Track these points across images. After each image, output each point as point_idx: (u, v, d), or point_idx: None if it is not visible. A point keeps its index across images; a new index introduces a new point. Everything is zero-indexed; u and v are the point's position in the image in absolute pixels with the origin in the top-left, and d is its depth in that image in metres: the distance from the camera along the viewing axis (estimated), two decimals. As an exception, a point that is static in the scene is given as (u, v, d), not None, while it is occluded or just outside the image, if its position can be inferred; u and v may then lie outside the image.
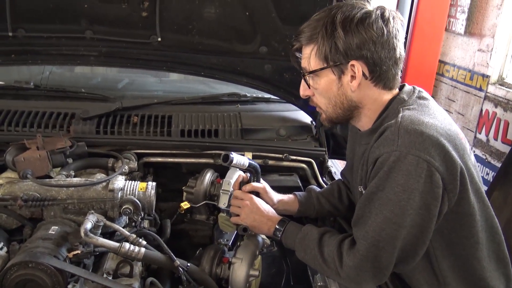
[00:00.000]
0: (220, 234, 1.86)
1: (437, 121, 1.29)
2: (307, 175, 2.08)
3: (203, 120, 2.10)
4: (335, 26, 1.29)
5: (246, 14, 2.01)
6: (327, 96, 1.39)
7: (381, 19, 1.29)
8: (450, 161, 1.23)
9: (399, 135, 1.23)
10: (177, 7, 2.00)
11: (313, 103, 1.47)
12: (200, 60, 2.15)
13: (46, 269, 1.28)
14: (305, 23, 1.38)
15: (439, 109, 1.38)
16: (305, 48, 1.38)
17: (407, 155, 1.20)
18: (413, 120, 1.26)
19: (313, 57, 1.35)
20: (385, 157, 1.24)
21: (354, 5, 1.32)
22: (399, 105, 1.35)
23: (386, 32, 1.29)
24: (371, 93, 1.37)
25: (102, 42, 2.07)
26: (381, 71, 1.33)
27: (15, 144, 1.77)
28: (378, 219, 1.25)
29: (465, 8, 3.92)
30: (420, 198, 1.21)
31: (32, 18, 2.00)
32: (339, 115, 1.42)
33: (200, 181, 1.85)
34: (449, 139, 1.25)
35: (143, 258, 1.41)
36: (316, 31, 1.32)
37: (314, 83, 1.39)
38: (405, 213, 1.22)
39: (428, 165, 1.19)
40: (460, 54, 4.03)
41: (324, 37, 1.31)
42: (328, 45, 1.30)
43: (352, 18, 1.29)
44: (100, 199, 1.59)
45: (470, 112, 3.83)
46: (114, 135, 2.00)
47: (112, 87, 2.56)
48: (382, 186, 1.24)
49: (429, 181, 1.20)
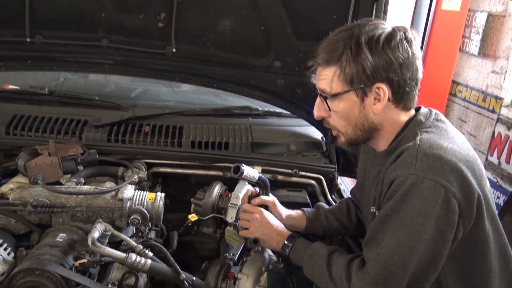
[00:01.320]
0: (226, 248, 1.85)
1: (456, 145, 1.27)
2: (316, 191, 2.06)
3: (214, 132, 2.10)
4: (361, 47, 1.25)
5: (261, 29, 2.02)
6: (348, 118, 1.36)
7: (405, 40, 1.27)
8: (468, 187, 1.21)
9: (417, 158, 1.21)
10: (193, 19, 2.02)
11: (328, 125, 1.43)
12: (213, 72, 2.16)
13: (52, 277, 1.27)
14: (323, 43, 1.34)
15: (457, 133, 1.37)
16: (324, 69, 1.34)
17: (425, 179, 1.18)
18: (431, 144, 1.24)
19: (336, 79, 1.31)
20: (401, 180, 1.22)
21: (376, 25, 1.29)
22: (417, 127, 1.33)
23: (410, 53, 1.28)
24: (391, 115, 1.35)
25: (118, 51, 2.09)
26: (404, 93, 1.31)
27: (27, 149, 1.78)
28: (391, 242, 1.23)
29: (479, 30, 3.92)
30: (435, 224, 1.19)
31: (50, 25, 2.03)
32: (359, 137, 1.39)
33: (208, 193, 1.84)
34: (467, 165, 1.24)
35: (149, 270, 1.41)
36: (339, 53, 1.28)
37: (334, 106, 1.35)
38: (419, 238, 1.20)
39: (446, 191, 1.18)
40: (473, 75, 4.01)
41: (349, 59, 1.27)
42: (354, 68, 1.27)
43: (377, 39, 1.26)
44: (109, 208, 1.59)
45: (482, 134, 3.80)
46: (125, 143, 2.01)
47: (125, 95, 2.57)
48: (397, 209, 1.23)
49: (445, 207, 1.18)
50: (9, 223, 1.56)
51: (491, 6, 3.84)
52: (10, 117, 2.00)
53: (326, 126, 1.46)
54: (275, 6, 1.94)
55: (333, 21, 1.91)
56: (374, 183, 1.40)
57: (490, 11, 3.83)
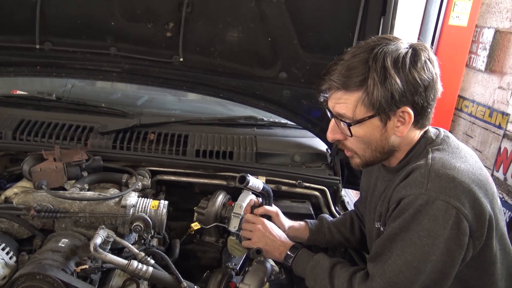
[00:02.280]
0: (228, 257, 1.84)
1: (469, 165, 1.25)
2: (320, 203, 2.06)
3: (218, 142, 2.11)
4: (389, 72, 1.19)
5: (268, 40, 2.04)
6: (367, 142, 1.31)
7: (429, 60, 1.24)
8: (480, 209, 1.20)
9: (430, 178, 1.19)
10: (201, 30, 2.04)
11: (344, 146, 1.38)
12: (219, 82, 2.18)
13: (53, 282, 1.27)
14: (340, 64, 1.25)
15: (469, 151, 1.35)
16: (346, 94, 1.25)
17: (436, 200, 1.17)
18: (444, 163, 1.22)
19: (359, 105, 1.24)
20: (411, 199, 1.20)
21: (397, 44, 1.23)
22: (428, 144, 1.32)
23: (434, 74, 1.24)
24: (409, 136, 1.32)
25: (125, 59, 2.12)
26: (425, 114, 1.28)
27: (33, 154, 1.79)
28: (398, 261, 1.22)
29: (486, 45, 3.92)
30: (445, 245, 1.18)
31: (60, 32, 2.06)
32: (376, 159, 1.35)
33: (212, 202, 1.84)
34: (480, 185, 1.22)
35: (150, 278, 1.40)
36: (363, 77, 1.21)
37: (355, 132, 1.29)
38: (427, 259, 1.19)
39: (457, 212, 1.16)
40: (480, 91, 4.00)
41: (376, 84, 1.20)
42: (382, 93, 1.20)
43: (403, 61, 1.20)
44: (112, 215, 1.59)
45: (488, 149, 3.78)
46: (130, 151, 2.02)
47: (132, 103, 2.59)
48: (406, 228, 1.21)
49: (455, 227, 1.17)
50: (12, 227, 1.56)
51: (498, 23, 3.84)
52: (17, 122, 2.02)
53: (341, 147, 1.40)
54: (282, 18, 1.96)
55: (340, 34, 1.93)
56: (381, 199, 1.38)
57: (498, 27, 3.84)
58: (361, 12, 1.86)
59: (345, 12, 1.91)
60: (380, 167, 1.46)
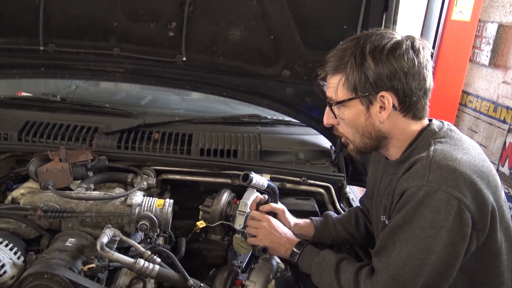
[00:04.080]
0: (234, 255, 1.85)
1: (471, 157, 1.26)
2: (325, 200, 2.06)
3: (222, 140, 2.11)
4: (365, 56, 1.27)
5: (270, 38, 2.04)
6: (354, 126, 1.37)
7: (411, 49, 1.28)
8: (482, 200, 1.20)
9: (431, 169, 1.21)
10: (203, 29, 2.05)
11: (337, 132, 1.45)
12: (223, 81, 2.18)
13: (61, 281, 1.28)
14: (331, 52, 1.36)
15: (472, 143, 1.36)
16: (331, 77, 1.36)
17: (438, 191, 1.18)
18: (446, 155, 1.23)
19: (341, 87, 1.33)
20: (413, 191, 1.21)
21: (383, 34, 1.30)
22: (430, 136, 1.32)
23: (417, 63, 1.27)
24: (399, 124, 1.35)
25: (129, 60, 2.13)
26: (411, 102, 1.31)
27: (39, 155, 1.80)
28: (402, 254, 1.22)
29: (490, 40, 3.90)
30: (448, 236, 1.18)
31: (63, 34, 2.07)
32: (367, 144, 1.39)
33: (216, 200, 1.85)
34: (482, 177, 1.23)
35: (157, 276, 1.41)
36: (344, 61, 1.30)
37: (340, 113, 1.37)
38: (431, 250, 1.19)
39: (459, 203, 1.17)
40: (484, 86, 3.99)
41: (353, 67, 1.29)
42: (357, 76, 1.28)
43: (382, 48, 1.27)
44: (118, 214, 1.60)
45: (493, 144, 3.76)
46: (134, 150, 2.03)
47: (136, 103, 2.61)
48: (409, 220, 1.22)
49: (458, 219, 1.17)
50: (20, 227, 1.58)
51: (501, 17, 3.83)
52: (23, 124, 2.03)
53: (335, 133, 1.47)
54: (284, 16, 1.96)
55: (342, 31, 1.92)
56: (385, 192, 1.39)
57: (501, 21, 3.82)
58: (363, 8, 1.86)
59: (347, 8, 1.91)
60: (385, 161, 1.47)
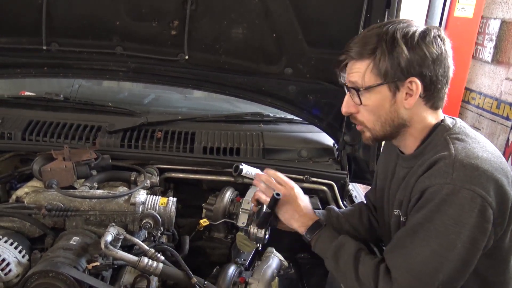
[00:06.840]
0: (237, 253, 1.85)
1: (490, 154, 1.27)
2: (328, 198, 2.05)
3: (225, 138, 2.11)
4: (397, 42, 1.26)
5: (273, 36, 2.03)
6: (377, 113, 1.34)
7: (439, 37, 1.29)
8: (504, 196, 1.21)
9: (454, 168, 1.20)
10: (206, 27, 2.05)
11: (355, 120, 1.42)
12: (225, 79, 2.18)
13: (66, 279, 1.29)
14: (355, 38, 1.35)
15: (486, 140, 1.36)
16: (357, 62, 1.33)
17: (462, 189, 1.18)
18: (468, 153, 1.24)
19: (369, 73, 1.31)
20: (436, 189, 1.21)
21: (409, 22, 1.31)
22: (444, 132, 1.32)
23: (443, 50, 1.29)
24: (420, 112, 1.34)
25: (131, 58, 2.13)
26: (435, 89, 1.31)
27: (42, 154, 1.81)
28: (425, 252, 1.22)
29: (493, 37, 3.89)
30: (470, 233, 1.18)
31: (66, 33, 2.07)
32: (386, 132, 1.37)
33: (220, 198, 1.86)
34: (502, 173, 1.23)
35: (161, 274, 1.42)
36: (373, 46, 1.29)
37: (365, 99, 1.34)
38: (454, 247, 1.19)
39: (482, 200, 1.17)
40: (487, 82, 3.98)
41: (384, 52, 1.27)
42: (389, 61, 1.27)
43: (413, 34, 1.27)
44: (122, 212, 1.61)
45: (496, 141, 3.76)
46: (138, 149, 2.04)
47: (138, 102, 2.61)
48: (431, 218, 1.21)
49: (480, 215, 1.17)
50: (24, 226, 1.59)
51: (504, 13, 3.81)
52: (26, 123, 2.04)
53: (352, 121, 1.44)
54: (287, 14, 1.96)
55: (344, 28, 1.92)
56: (401, 187, 1.38)
57: (504, 18, 3.80)
58: (366, 6, 1.85)
59: (349, 6, 1.90)
60: (398, 154, 1.46)
